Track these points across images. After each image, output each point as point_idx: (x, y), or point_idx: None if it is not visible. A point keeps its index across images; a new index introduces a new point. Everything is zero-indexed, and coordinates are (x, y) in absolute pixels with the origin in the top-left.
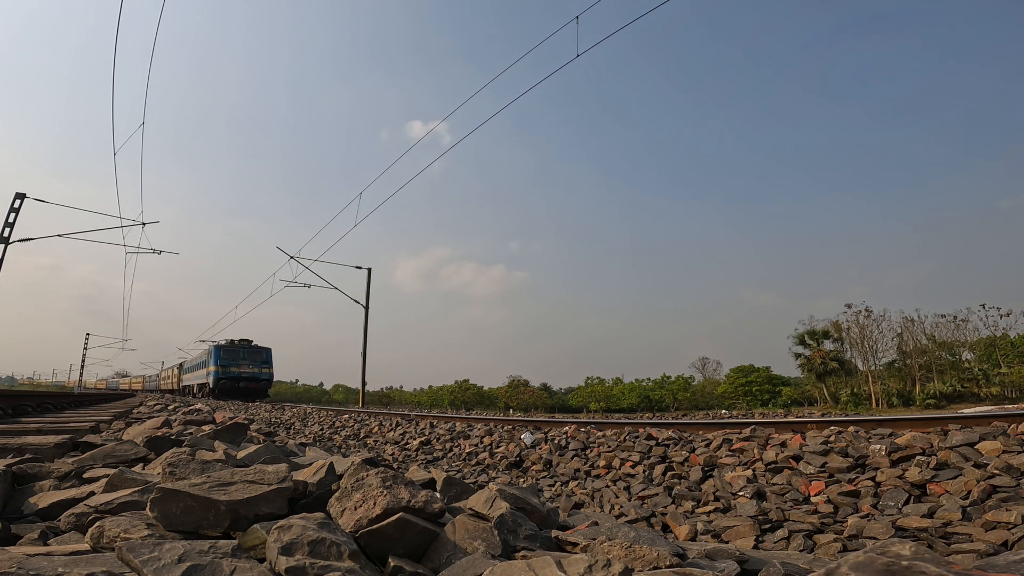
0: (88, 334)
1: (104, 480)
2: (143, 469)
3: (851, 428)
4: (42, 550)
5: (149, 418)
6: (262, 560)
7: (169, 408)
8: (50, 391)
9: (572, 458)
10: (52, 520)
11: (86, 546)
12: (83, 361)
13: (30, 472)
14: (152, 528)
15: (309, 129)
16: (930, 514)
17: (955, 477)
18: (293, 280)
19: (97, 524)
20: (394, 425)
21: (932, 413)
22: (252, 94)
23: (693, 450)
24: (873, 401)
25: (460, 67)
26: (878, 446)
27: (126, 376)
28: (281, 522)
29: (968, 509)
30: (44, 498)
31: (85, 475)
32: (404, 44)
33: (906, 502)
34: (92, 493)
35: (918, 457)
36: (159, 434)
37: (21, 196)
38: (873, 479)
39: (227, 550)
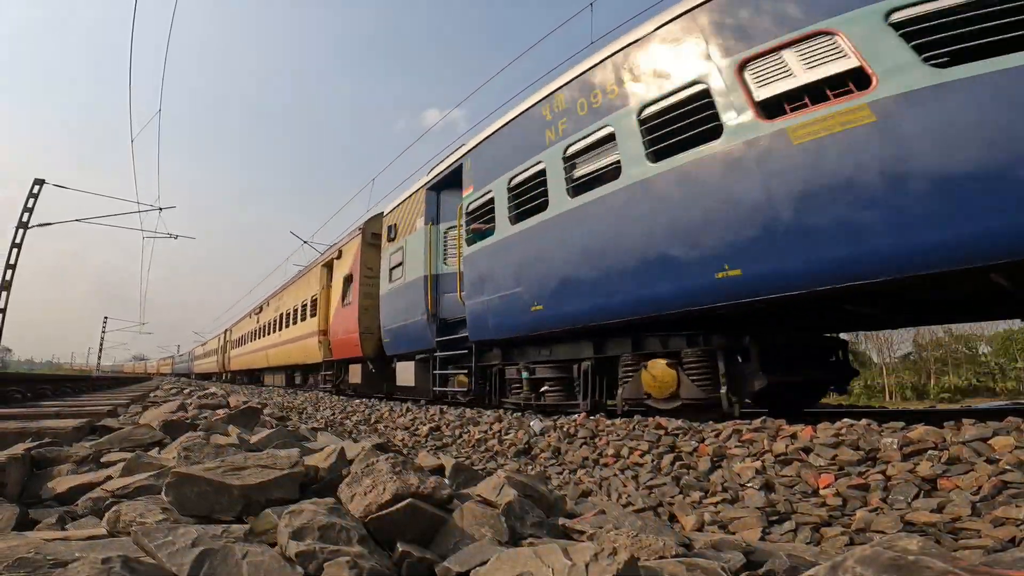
0: (106, 317)
1: (121, 464)
2: (159, 453)
3: (863, 421)
4: (59, 535)
5: (165, 402)
6: (273, 545)
7: (184, 392)
8: (69, 375)
9: (580, 446)
10: (70, 505)
11: (103, 531)
12: (101, 344)
13: (48, 456)
14: (167, 512)
15: (326, 118)
16: (939, 509)
17: (966, 472)
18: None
19: (114, 509)
20: (404, 411)
21: (946, 406)
22: (269, 84)
23: (702, 440)
24: (887, 394)
25: (476, 54)
26: (890, 440)
27: (155, 355)
28: (292, 507)
29: (978, 505)
30: (62, 482)
31: (102, 459)
32: (420, 33)
33: (916, 497)
34: (109, 477)
35: (930, 451)
36: (175, 418)
37: (40, 182)
38: (883, 473)
39: (239, 535)
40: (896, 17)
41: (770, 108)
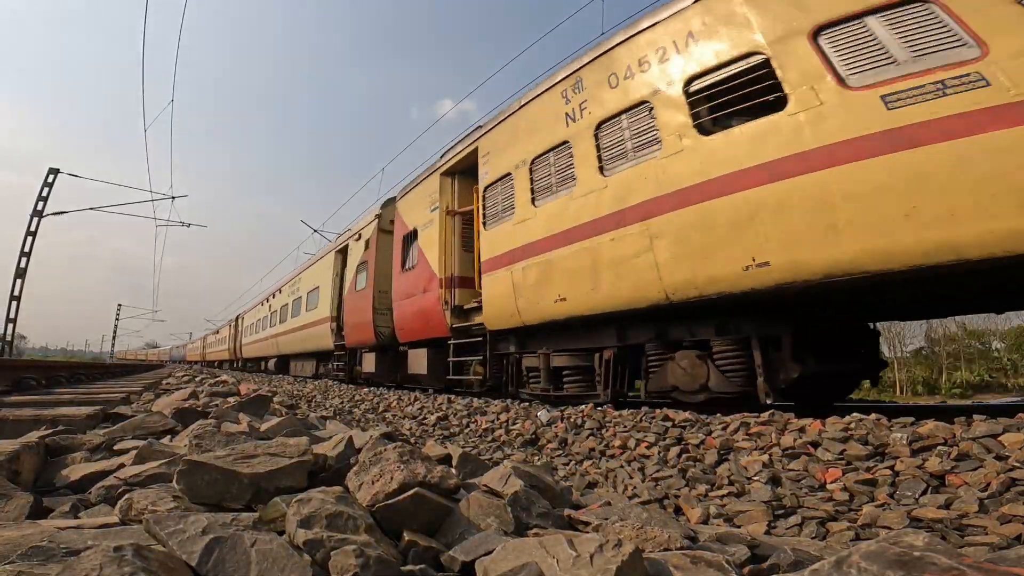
0: (120, 305)
1: (133, 452)
2: (171, 441)
3: (873, 415)
4: (72, 523)
5: (177, 390)
6: (282, 533)
7: (196, 380)
8: (84, 362)
9: (587, 437)
10: (83, 493)
11: (115, 519)
12: (115, 331)
13: (62, 444)
14: (178, 500)
15: (341, 107)
16: (946, 505)
17: (975, 469)
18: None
19: (126, 497)
20: (412, 400)
21: (957, 402)
22: (284, 74)
23: (709, 433)
24: (897, 389)
25: (489, 44)
26: (899, 435)
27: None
28: (300, 496)
29: (985, 501)
30: (75, 471)
31: (115, 447)
32: (431, 22)
33: (923, 492)
34: (122, 465)
35: (939, 447)
36: (186, 406)
37: (55, 171)
38: (892, 468)
39: (248, 523)
40: None
41: None
